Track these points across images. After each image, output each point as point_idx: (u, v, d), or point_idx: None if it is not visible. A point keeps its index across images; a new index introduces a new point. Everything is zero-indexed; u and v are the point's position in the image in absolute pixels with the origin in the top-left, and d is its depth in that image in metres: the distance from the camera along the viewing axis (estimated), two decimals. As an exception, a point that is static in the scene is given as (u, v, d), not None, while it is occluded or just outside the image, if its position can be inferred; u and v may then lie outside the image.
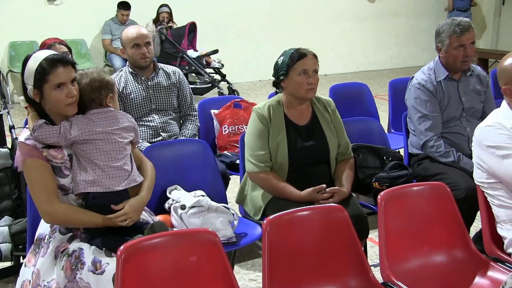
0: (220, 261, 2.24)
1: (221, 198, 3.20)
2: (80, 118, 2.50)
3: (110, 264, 2.31)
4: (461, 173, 3.29)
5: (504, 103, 2.76)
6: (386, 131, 4.72)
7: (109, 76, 2.73)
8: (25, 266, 2.55)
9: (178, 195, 3.05)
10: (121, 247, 2.10)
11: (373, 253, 3.55)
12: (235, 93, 7.99)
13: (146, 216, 2.72)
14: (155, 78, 3.85)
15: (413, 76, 3.68)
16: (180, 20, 8.62)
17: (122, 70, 3.89)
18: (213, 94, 7.89)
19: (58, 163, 2.46)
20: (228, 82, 8.26)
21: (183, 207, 2.95)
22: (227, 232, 2.89)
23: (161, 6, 8.73)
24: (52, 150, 2.44)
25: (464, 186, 3.14)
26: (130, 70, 3.84)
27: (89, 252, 2.40)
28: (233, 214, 3.00)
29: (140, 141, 2.67)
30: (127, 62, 3.89)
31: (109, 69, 8.48)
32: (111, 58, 8.47)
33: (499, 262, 2.64)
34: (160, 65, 3.96)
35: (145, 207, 2.75)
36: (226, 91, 8.04)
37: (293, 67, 3.03)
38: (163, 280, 2.16)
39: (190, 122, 3.93)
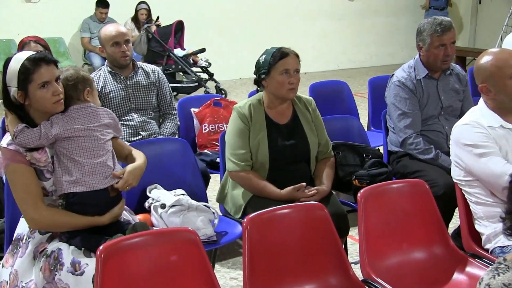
0: (200, 260, 2.23)
1: (201, 196, 3.19)
2: (60, 116, 2.48)
3: (89, 264, 2.29)
4: (439, 171, 3.31)
5: (481, 101, 2.79)
6: (366, 129, 4.76)
7: (86, 72, 2.71)
8: (2, 266, 2.52)
9: (158, 194, 3.04)
10: (101, 247, 2.09)
11: (353, 250, 3.57)
12: (223, 92, 7.98)
13: (127, 215, 2.70)
14: (134, 77, 3.83)
15: (393, 74, 3.71)
16: (164, 19, 8.57)
17: (100, 69, 3.86)
18: (200, 93, 7.86)
19: (41, 166, 2.43)
20: (215, 81, 8.24)
21: (163, 206, 2.94)
22: (207, 231, 2.89)
23: (139, 3, 8.68)
24: (35, 153, 2.42)
25: (442, 183, 3.16)
26: (109, 69, 3.81)
27: (68, 252, 2.37)
28: (213, 213, 3.00)
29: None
30: (106, 61, 3.86)
31: (88, 67, 8.42)
32: (90, 56, 8.40)
33: (477, 258, 2.67)
34: (140, 64, 3.93)
35: (125, 206, 2.74)
36: (213, 90, 8.02)
37: (275, 66, 3.03)
38: (143, 279, 2.15)
39: (169, 121, 3.91)
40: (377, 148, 3.84)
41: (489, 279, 1.55)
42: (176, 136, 3.94)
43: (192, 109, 4.26)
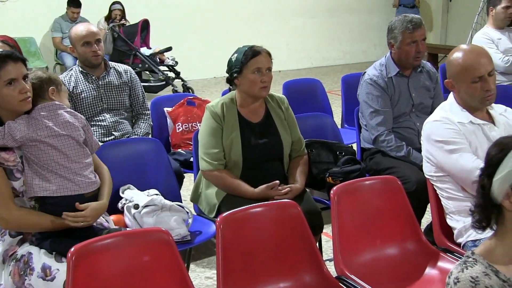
0: (173, 260, 2.22)
1: (175, 196, 3.18)
2: (25, 118, 2.45)
3: (60, 270, 2.27)
4: (411, 167, 3.34)
5: (451, 96, 2.82)
6: (339, 126, 4.79)
7: (55, 75, 2.69)
8: None
9: (131, 195, 3.02)
10: (72, 249, 2.06)
11: (328, 247, 3.58)
12: (190, 90, 7.94)
13: (101, 218, 2.68)
14: (106, 77, 3.79)
15: (365, 72, 3.73)
16: (132, 18, 8.51)
17: (72, 69, 3.82)
18: (167, 92, 7.82)
19: (10, 166, 2.40)
20: (182, 80, 8.20)
21: (136, 206, 2.92)
22: (181, 231, 2.88)
23: (114, 3, 8.62)
24: (3, 152, 2.38)
25: (414, 179, 3.19)
26: (80, 69, 3.77)
27: (38, 257, 2.35)
28: (187, 212, 2.99)
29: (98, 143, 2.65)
30: (77, 61, 3.82)
31: (60, 67, 8.32)
32: (62, 56, 8.31)
33: (448, 252, 2.70)
34: (112, 64, 3.90)
35: None
36: (180, 89, 7.98)
37: (247, 65, 3.03)
38: (116, 281, 2.13)
39: (142, 121, 3.89)
40: (350, 145, 3.87)
41: (458, 272, 1.57)
42: (150, 136, 3.92)
43: (165, 109, 4.24)
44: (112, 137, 3.70)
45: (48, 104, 2.52)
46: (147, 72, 8.34)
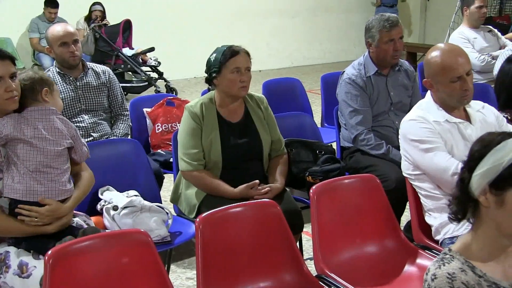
0: (153, 262, 2.21)
1: (154, 197, 3.16)
2: (15, 116, 2.44)
3: (37, 267, 2.25)
4: (391, 165, 3.36)
5: (428, 94, 2.84)
6: (320, 125, 4.81)
7: (46, 74, 2.67)
8: None
9: (110, 196, 3.00)
10: (49, 252, 2.05)
11: (309, 246, 3.58)
12: (173, 91, 7.92)
13: (80, 221, 2.66)
14: (84, 78, 3.75)
15: (344, 71, 3.75)
16: (111, 18, 8.46)
17: (49, 70, 3.78)
18: (151, 92, 7.79)
19: None
20: (165, 80, 8.18)
21: (115, 208, 2.90)
22: (161, 232, 2.86)
23: (94, 4, 8.55)
24: None
25: (394, 177, 3.21)
26: (58, 70, 3.73)
27: (15, 254, 2.33)
28: (167, 213, 2.98)
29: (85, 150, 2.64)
30: (55, 61, 3.78)
31: (38, 68, 8.23)
32: (39, 57, 8.23)
33: (427, 249, 2.73)
34: (90, 64, 3.86)
35: (80, 212, 2.73)
36: (163, 89, 7.96)
37: (226, 64, 3.02)
38: (94, 284, 2.12)
39: (121, 122, 3.86)
40: (330, 144, 3.88)
41: (435, 269, 1.58)
42: (129, 137, 3.89)
43: (144, 109, 4.22)
44: (90, 138, 3.67)
45: (42, 108, 2.51)
46: (130, 73, 8.31)
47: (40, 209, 2.41)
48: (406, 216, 3.43)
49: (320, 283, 2.47)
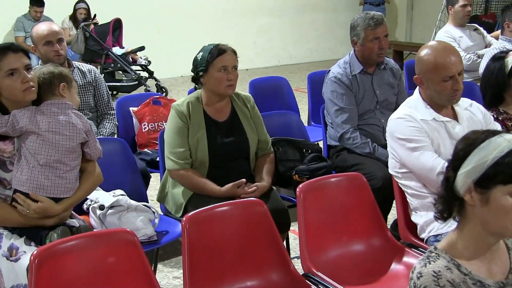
0: (139, 261, 2.21)
1: (141, 196, 3.16)
2: (32, 108, 2.48)
3: (27, 253, 2.28)
4: (377, 164, 3.38)
5: (416, 91, 2.84)
6: (307, 124, 4.81)
7: (66, 70, 2.71)
8: None
9: (96, 195, 2.98)
10: (35, 252, 2.05)
11: (296, 245, 3.58)
12: (163, 90, 7.90)
13: (75, 222, 2.66)
14: (69, 77, 3.73)
15: (330, 70, 3.75)
16: (99, 17, 8.41)
17: (35, 68, 3.75)
18: (140, 91, 7.76)
19: (5, 157, 2.42)
20: (156, 80, 8.16)
21: (101, 207, 2.89)
22: (147, 231, 2.85)
23: (78, 2, 8.51)
24: (0, 142, 2.40)
25: (380, 175, 3.22)
26: (56, 65, 3.70)
27: (8, 237, 2.36)
28: (153, 212, 2.97)
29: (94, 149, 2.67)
30: (40, 60, 3.76)
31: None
32: (25, 56, 8.16)
33: (413, 247, 2.74)
34: (75, 63, 3.85)
35: (78, 215, 2.75)
36: (153, 89, 7.93)
37: (213, 63, 3.02)
38: (81, 283, 2.12)
39: (107, 121, 3.85)
40: (316, 142, 3.89)
41: (421, 267, 1.58)
42: (115, 136, 3.88)
43: (131, 108, 4.20)
44: (76, 137, 3.65)
45: (60, 102, 2.55)
46: (120, 72, 8.28)
47: (31, 204, 2.41)
48: (392, 215, 3.44)
49: (307, 281, 2.47)
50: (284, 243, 3.10)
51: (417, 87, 2.84)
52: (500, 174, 1.53)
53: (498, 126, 2.91)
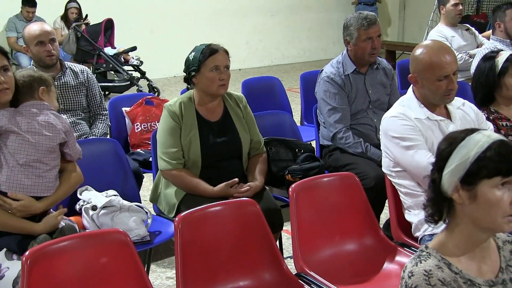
0: (132, 261, 2.22)
1: (134, 197, 3.17)
2: (11, 110, 2.49)
3: (10, 268, 2.26)
4: (370, 163, 3.39)
5: (410, 90, 2.85)
6: (299, 124, 4.82)
7: (46, 74, 2.73)
8: None
9: (89, 196, 2.98)
10: (27, 252, 2.04)
11: (289, 244, 3.57)
12: (155, 90, 7.90)
13: (62, 223, 2.65)
14: (62, 77, 3.73)
15: (322, 69, 3.77)
16: (91, 18, 8.40)
17: (20, 71, 3.75)
18: (133, 92, 7.76)
19: None
20: (148, 80, 8.16)
21: (94, 208, 2.89)
22: (140, 231, 2.86)
23: (69, 1, 8.50)
24: None
25: (373, 175, 3.23)
26: (35, 69, 3.69)
27: None
28: (146, 213, 2.98)
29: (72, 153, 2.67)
30: (32, 61, 3.75)
31: (16, 67, 8.15)
32: (17, 56, 8.16)
33: (405, 247, 2.75)
34: (68, 64, 3.84)
35: (65, 217, 2.72)
36: (146, 89, 7.94)
37: (205, 63, 3.03)
38: (73, 284, 2.12)
39: (100, 121, 3.85)
40: (309, 142, 3.90)
41: (412, 266, 1.60)
42: (108, 137, 3.88)
43: (123, 108, 4.20)
44: (69, 137, 3.65)
45: (38, 103, 2.57)
46: (112, 72, 8.27)
47: (12, 203, 2.42)
48: (385, 214, 3.46)
49: (300, 281, 2.48)
50: (277, 243, 3.12)
51: (411, 86, 2.85)
52: (484, 169, 1.55)
53: (490, 125, 2.93)
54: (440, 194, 1.64)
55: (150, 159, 3.68)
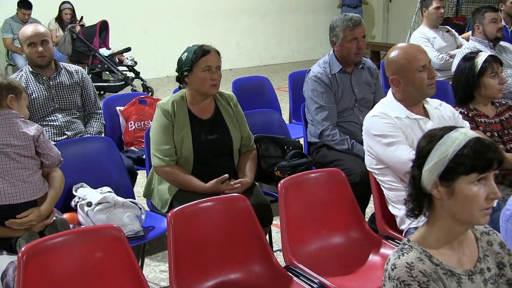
0: (126, 256, 2.26)
1: (128, 193, 3.22)
2: None
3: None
4: (356, 159, 3.45)
5: (389, 93, 2.94)
6: (288, 122, 4.90)
7: (17, 81, 2.68)
8: None
9: (84, 193, 3.04)
10: (23, 248, 2.07)
11: (278, 238, 3.66)
12: (149, 90, 7.96)
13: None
14: (57, 77, 3.78)
15: (310, 69, 3.84)
16: (86, 19, 8.43)
17: (22, 70, 3.80)
18: (127, 91, 7.81)
19: None
20: (142, 80, 8.21)
21: (89, 204, 2.94)
22: (134, 227, 2.91)
23: (63, 3, 8.52)
24: None
25: (358, 171, 3.30)
26: (31, 69, 3.75)
27: None
28: (140, 208, 3.03)
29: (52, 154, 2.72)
30: (27, 62, 3.81)
31: (12, 68, 8.19)
32: (13, 57, 8.19)
33: (390, 239, 2.82)
34: (63, 64, 3.89)
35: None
36: (140, 88, 7.98)
37: (197, 63, 3.08)
38: (68, 279, 2.15)
39: (95, 120, 3.90)
40: (297, 139, 3.97)
41: (395, 259, 1.65)
42: (102, 135, 3.93)
43: (117, 108, 4.26)
44: (64, 136, 3.70)
45: (5, 112, 2.54)
46: (107, 73, 8.33)
47: (29, 218, 2.48)
48: (370, 208, 3.54)
49: (289, 273, 2.54)
50: (267, 237, 3.20)
51: (390, 88, 2.93)
52: (461, 166, 1.61)
53: (466, 124, 3.02)
54: (420, 190, 1.69)
55: (144, 157, 3.74)
